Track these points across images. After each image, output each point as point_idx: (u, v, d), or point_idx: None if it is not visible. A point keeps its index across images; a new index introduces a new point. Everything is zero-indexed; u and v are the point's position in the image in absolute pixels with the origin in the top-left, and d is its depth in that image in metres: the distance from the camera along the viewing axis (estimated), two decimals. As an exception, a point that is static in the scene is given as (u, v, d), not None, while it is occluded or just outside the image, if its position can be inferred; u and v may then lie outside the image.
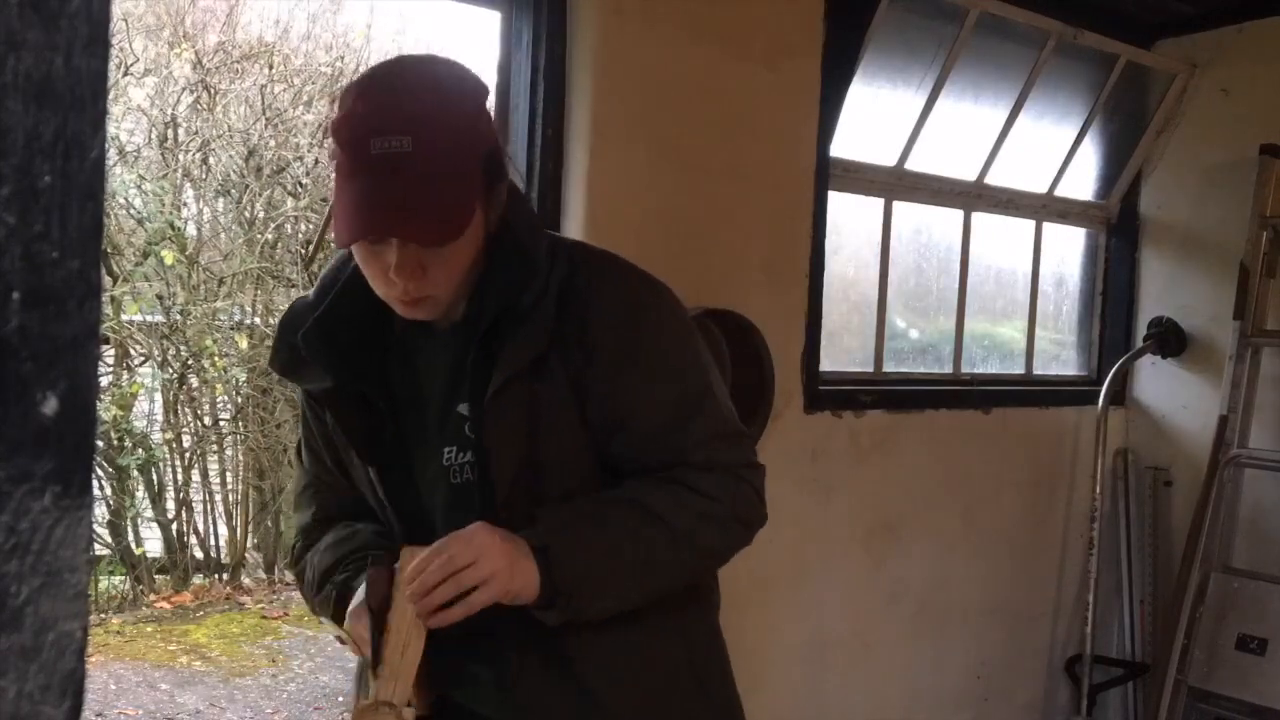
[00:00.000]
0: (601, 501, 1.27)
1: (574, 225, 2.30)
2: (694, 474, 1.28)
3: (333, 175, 1.21)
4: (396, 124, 1.14)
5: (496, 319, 1.24)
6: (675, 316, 1.34)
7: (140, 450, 5.71)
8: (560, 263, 1.28)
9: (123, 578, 5.79)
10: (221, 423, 6.25)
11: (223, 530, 6.15)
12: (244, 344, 5.96)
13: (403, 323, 1.30)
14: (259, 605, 5.81)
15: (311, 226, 6.39)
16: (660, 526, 1.24)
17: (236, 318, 6.07)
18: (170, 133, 6.00)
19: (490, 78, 2.32)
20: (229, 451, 6.28)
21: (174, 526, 5.99)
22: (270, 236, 6.27)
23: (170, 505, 6.00)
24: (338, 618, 1.32)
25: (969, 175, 3.33)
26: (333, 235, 1.21)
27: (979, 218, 3.42)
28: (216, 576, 6.03)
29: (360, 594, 1.24)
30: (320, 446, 1.41)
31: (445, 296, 1.24)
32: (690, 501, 1.27)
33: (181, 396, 5.97)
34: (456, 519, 1.26)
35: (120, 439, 5.65)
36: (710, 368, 1.35)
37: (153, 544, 5.95)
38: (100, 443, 5.44)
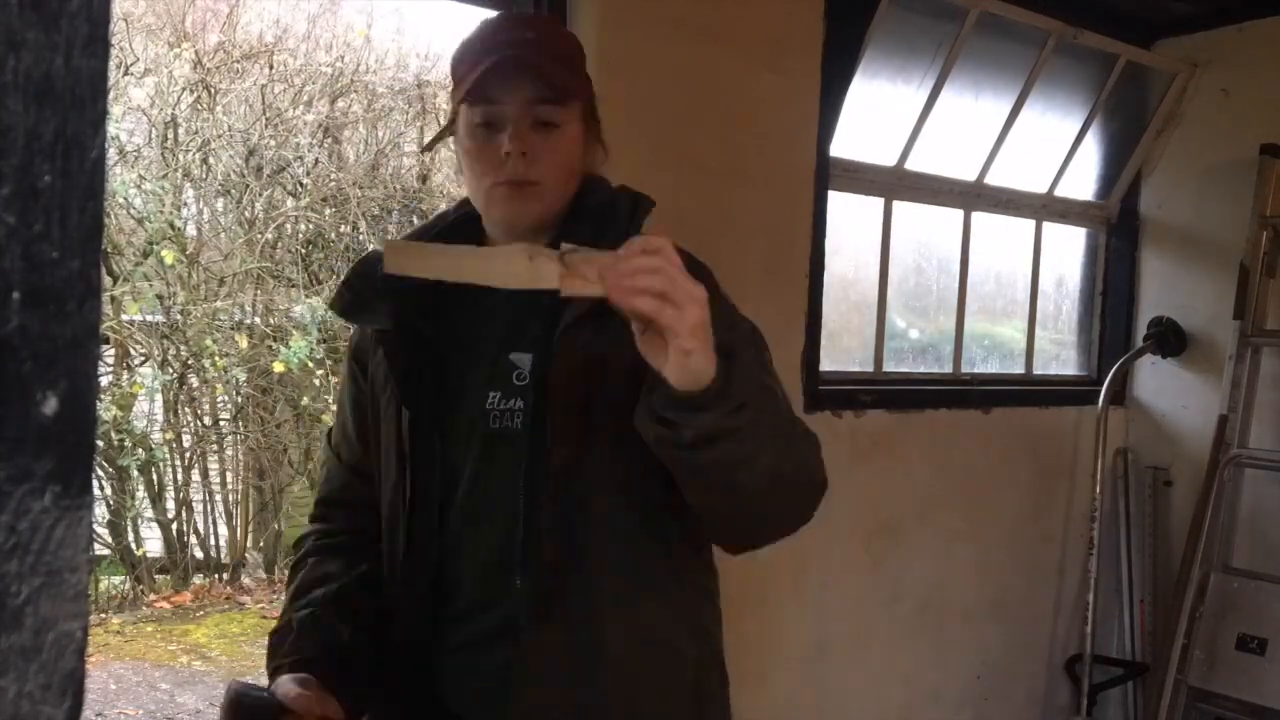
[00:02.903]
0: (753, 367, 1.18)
1: (574, 225, 2.30)
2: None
3: (456, 102, 1.28)
4: (522, 25, 1.35)
5: None
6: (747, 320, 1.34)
7: (140, 450, 5.71)
8: (641, 213, 1.33)
9: (123, 578, 5.79)
10: (221, 423, 6.25)
11: (223, 530, 6.15)
12: (244, 344, 5.96)
13: None
14: (259, 605, 5.81)
15: (311, 226, 6.40)
16: (779, 399, 1.20)
17: (236, 318, 6.07)
18: (170, 133, 6.00)
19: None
20: (229, 451, 6.28)
21: (174, 526, 5.99)
22: (270, 236, 6.27)
23: (170, 505, 6.00)
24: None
25: (969, 175, 3.33)
26: (453, 96, 1.29)
27: (979, 218, 3.42)
28: (216, 576, 6.04)
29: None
30: (349, 421, 1.41)
31: (549, 188, 1.27)
32: (794, 418, 1.22)
33: (181, 396, 5.97)
34: (487, 466, 1.26)
35: (120, 439, 5.65)
36: (765, 345, 1.34)
37: (153, 544, 5.95)
38: (100, 443, 5.44)
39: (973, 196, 3.37)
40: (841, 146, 2.89)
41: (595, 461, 1.23)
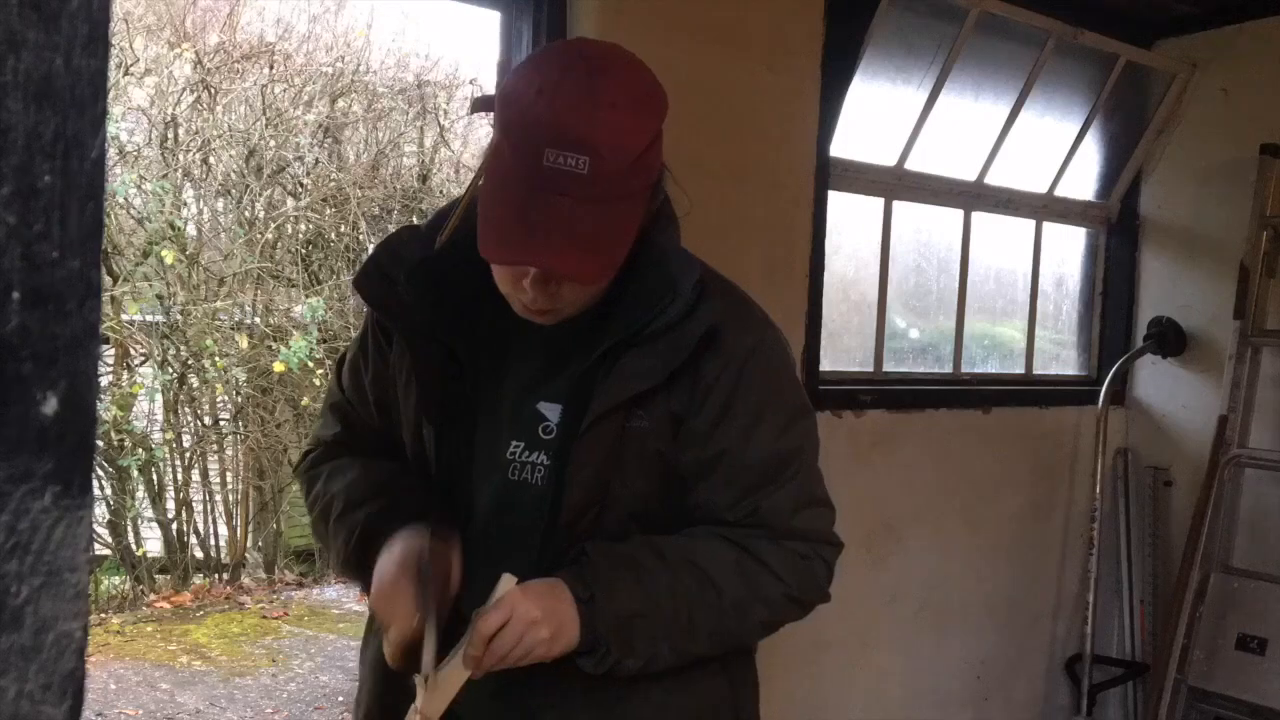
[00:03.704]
0: (659, 553, 1.20)
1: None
2: (766, 544, 1.22)
3: (488, 164, 1.12)
4: (578, 139, 1.04)
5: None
6: (789, 367, 1.29)
7: (140, 450, 5.71)
8: (709, 301, 1.19)
9: (123, 578, 5.79)
10: (221, 423, 6.25)
11: (223, 530, 6.15)
12: (244, 344, 5.97)
13: None
14: (259, 605, 5.81)
15: (311, 226, 6.40)
16: (713, 594, 1.19)
17: (236, 318, 6.07)
18: (170, 133, 6.00)
19: (490, 78, 2.32)
20: (229, 451, 6.28)
21: (174, 526, 5.99)
22: (270, 236, 6.27)
23: (170, 505, 6.00)
24: (359, 555, 1.23)
25: (969, 175, 3.33)
26: (478, 242, 1.09)
27: (979, 217, 3.42)
28: (216, 576, 6.04)
29: (394, 558, 1.16)
30: (367, 379, 1.33)
31: (571, 311, 1.18)
32: (753, 575, 1.21)
33: (181, 396, 5.97)
34: (499, 513, 1.23)
35: (120, 439, 5.65)
36: (811, 431, 1.29)
37: (153, 544, 5.95)
38: (100, 443, 5.44)
39: (973, 196, 3.37)
40: (841, 146, 2.88)
41: (613, 523, 1.22)
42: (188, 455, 6.03)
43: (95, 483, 0.55)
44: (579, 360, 1.20)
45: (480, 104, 1.15)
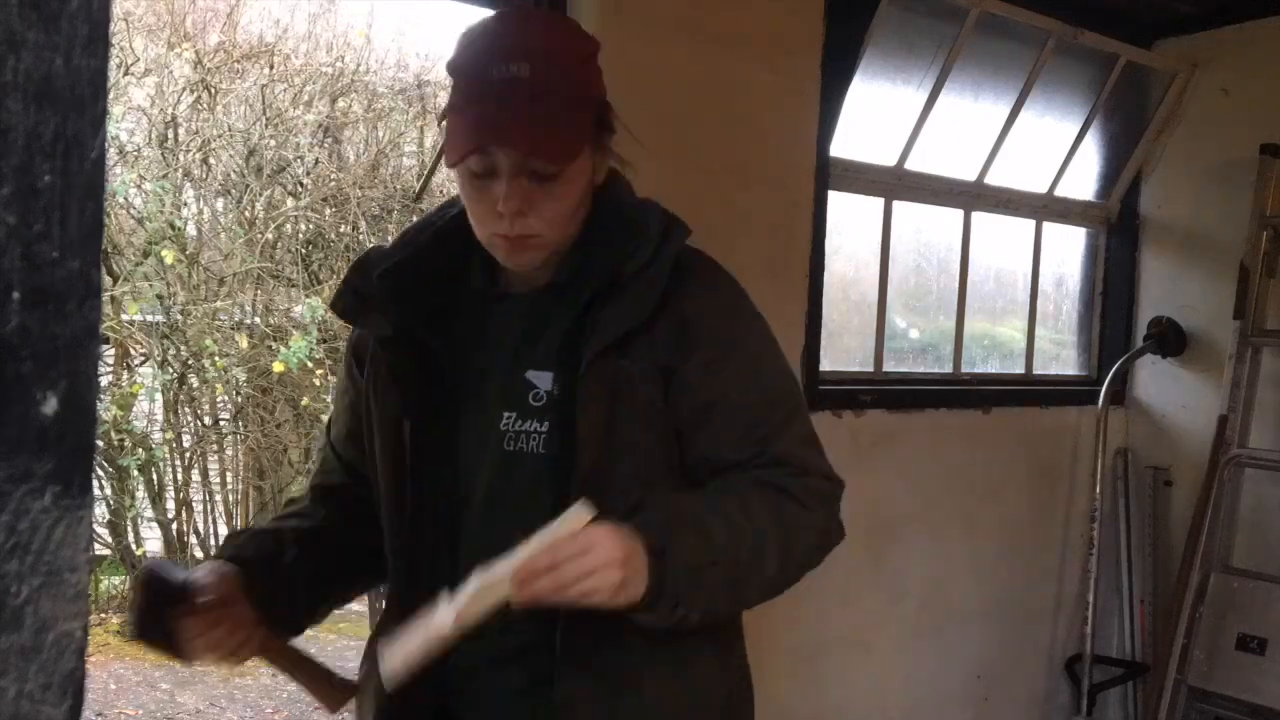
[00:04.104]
0: (712, 505, 1.20)
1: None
2: (794, 481, 1.24)
3: (447, 114, 1.21)
4: (516, 52, 1.18)
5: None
6: (768, 328, 1.33)
7: (140, 450, 5.71)
8: (675, 239, 1.25)
9: (123, 578, 5.79)
10: (221, 423, 6.25)
11: (223, 530, 6.14)
12: (244, 344, 5.96)
13: (479, 280, 1.29)
14: (259, 605, 5.80)
15: (311, 226, 6.40)
16: (764, 542, 1.20)
17: (236, 318, 6.06)
18: (170, 133, 6.00)
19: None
20: (229, 451, 6.28)
21: (174, 526, 5.99)
22: (270, 236, 6.26)
23: (170, 505, 6.00)
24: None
25: (969, 175, 3.33)
26: (445, 158, 1.20)
27: (979, 217, 3.42)
28: (217, 576, 6.02)
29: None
30: (345, 413, 1.38)
31: (550, 239, 1.22)
32: (791, 511, 1.23)
33: (181, 396, 5.97)
34: (505, 486, 1.23)
35: (120, 439, 5.65)
36: (798, 384, 1.33)
37: (153, 544, 5.95)
38: (100, 443, 5.44)
39: (973, 196, 3.37)
40: (841, 146, 2.89)
41: (618, 489, 1.19)
42: (188, 455, 6.03)
43: (95, 483, 0.55)
44: (558, 322, 1.23)
45: (443, 114, 1.23)
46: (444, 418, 1.26)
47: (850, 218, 3.08)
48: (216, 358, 5.88)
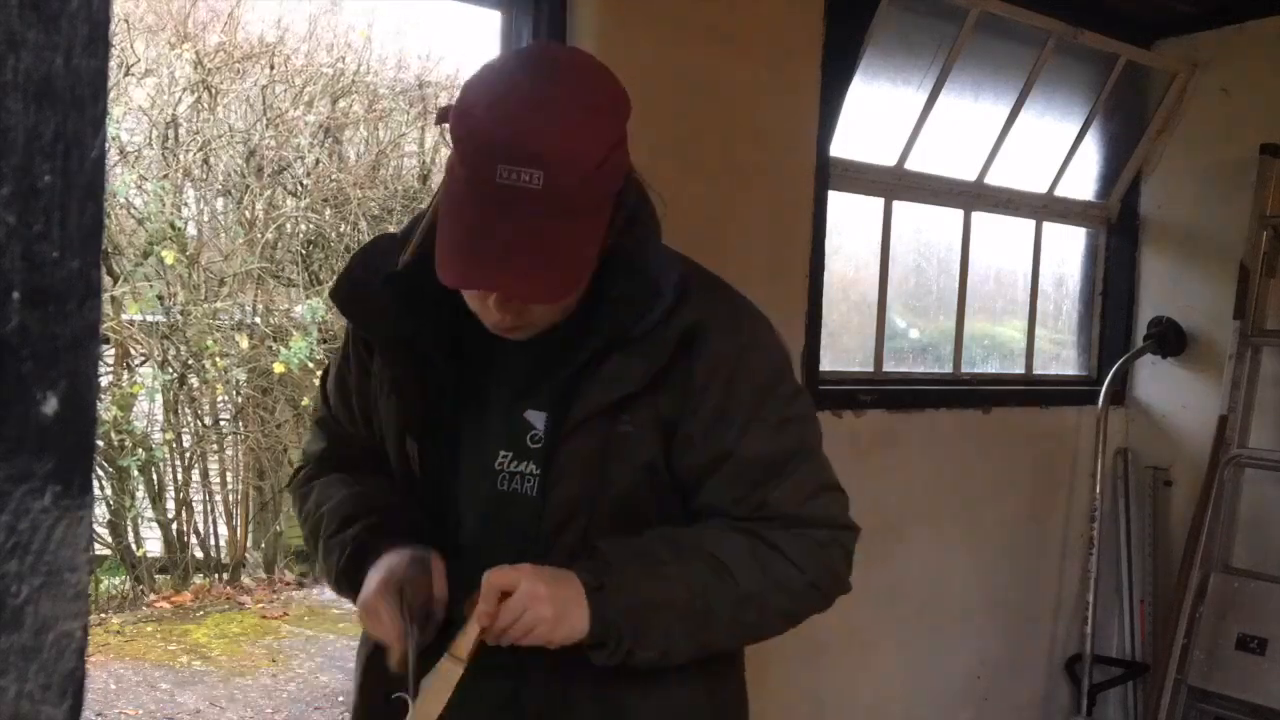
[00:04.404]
0: (671, 543, 1.18)
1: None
2: (781, 534, 1.20)
3: (445, 179, 1.10)
4: (529, 153, 1.01)
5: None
6: (781, 359, 1.27)
7: (140, 450, 5.71)
8: (692, 301, 1.18)
9: (123, 578, 5.79)
10: (221, 423, 6.25)
11: (223, 530, 6.15)
12: (244, 344, 5.96)
13: None
14: (259, 605, 5.81)
15: (311, 226, 6.40)
16: (729, 583, 1.16)
17: (236, 318, 6.07)
18: (170, 133, 6.00)
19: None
20: (229, 451, 6.28)
21: (174, 526, 5.99)
22: (270, 236, 6.27)
23: (170, 505, 6.00)
24: (347, 571, 1.23)
25: (969, 175, 3.33)
26: (436, 266, 1.06)
27: (979, 217, 3.42)
28: (216, 576, 6.04)
29: (377, 577, 1.16)
30: (351, 392, 1.33)
31: (543, 325, 1.17)
32: (770, 563, 1.18)
33: (181, 396, 5.97)
34: (490, 524, 1.22)
35: (120, 439, 5.65)
36: (810, 420, 1.27)
37: (153, 544, 5.95)
38: (100, 443, 5.44)
39: (973, 196, 3.37)
40: (841, 146, 2.89)
41: (599, 534, 1.19)
42: (188, 455, 6.04)
43: (95, 483, 0.55)
44: (563, 367, 1.18)
45: (443, 114, 1.11)
46: (446, 440, 1.24)
47: (850, 218, 3.08)
48: (217, 358, 5.88)
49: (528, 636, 1.10)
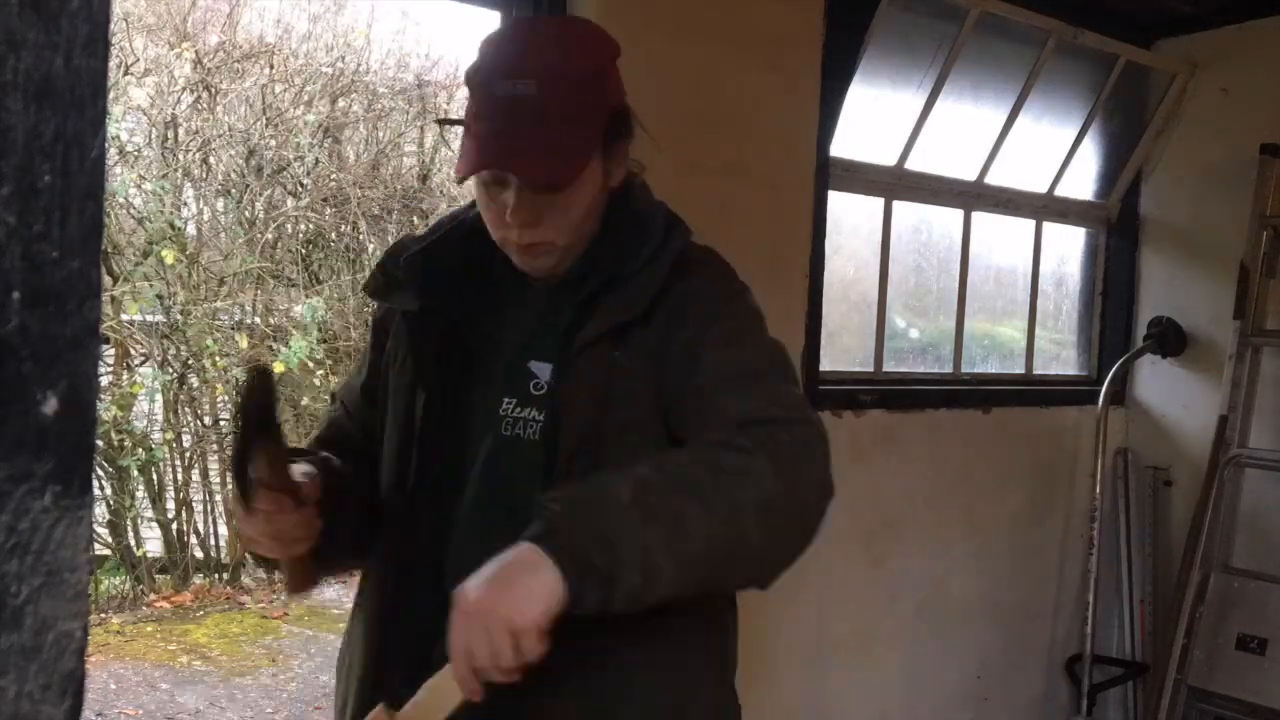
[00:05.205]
0: (617, 470, 1.11)
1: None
2: (728, 433, 1.13)
3: (464, 124, 1.24)
4: (524, 68, 1.19)
5: (599, 284, 1.24)
6: (749, 302, 1.31)
7: (140, 450, 5.71)
8: (677, 238, 1.28)
9: (123, 578, 5.79)
10: (221, 423, 6.25)
11: (223, 530, 6.14)
12: (244, 344, 5.97)
13: (502, 269, 1.31)
14: (259, 605, 5.81)
15: (311, 226, 6.40)
16: (684, 484, 1.08)
17: (236, 318, 6.07)
18: (170, 133, 6.00)
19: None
20: (229, 451, 6.27)
21: (174, 526, 5.99)
22: (270, 236, 6.27)
23: (170, 505, 6.00)
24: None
25: (969, 175, 3.33)
26: (455, 171, 1.24)
27: (979, 217, 3.42)
28: (216, 576, 6.04)
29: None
30: (365, 372, 1.41)
31: (561, 246, 1.25)
32: (710, 455, 1.11)
33: (181, 396, 5.97)
34: (496, 472, 1.25)
35: (120, 439, 5.65)
36: (789, 362, 1.27)
37: (153, 544, 5.95)
38: (100, 443, 5.44)
39: (973, 196, 3.37)
40: (841, 146, 2.89)
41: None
42: (188, 455, 6.03)
43: (95, 483, 0.55)
44: (563, 316, 1.26)
45: (444, 121, 1.27)
46: (456, 394, 1.29)
47: (850, 218, 3.08)
48: (216, 358, 5.88)
49: (512, 647, 1.01)
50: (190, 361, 5.94)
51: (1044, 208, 3.59)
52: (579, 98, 1.21)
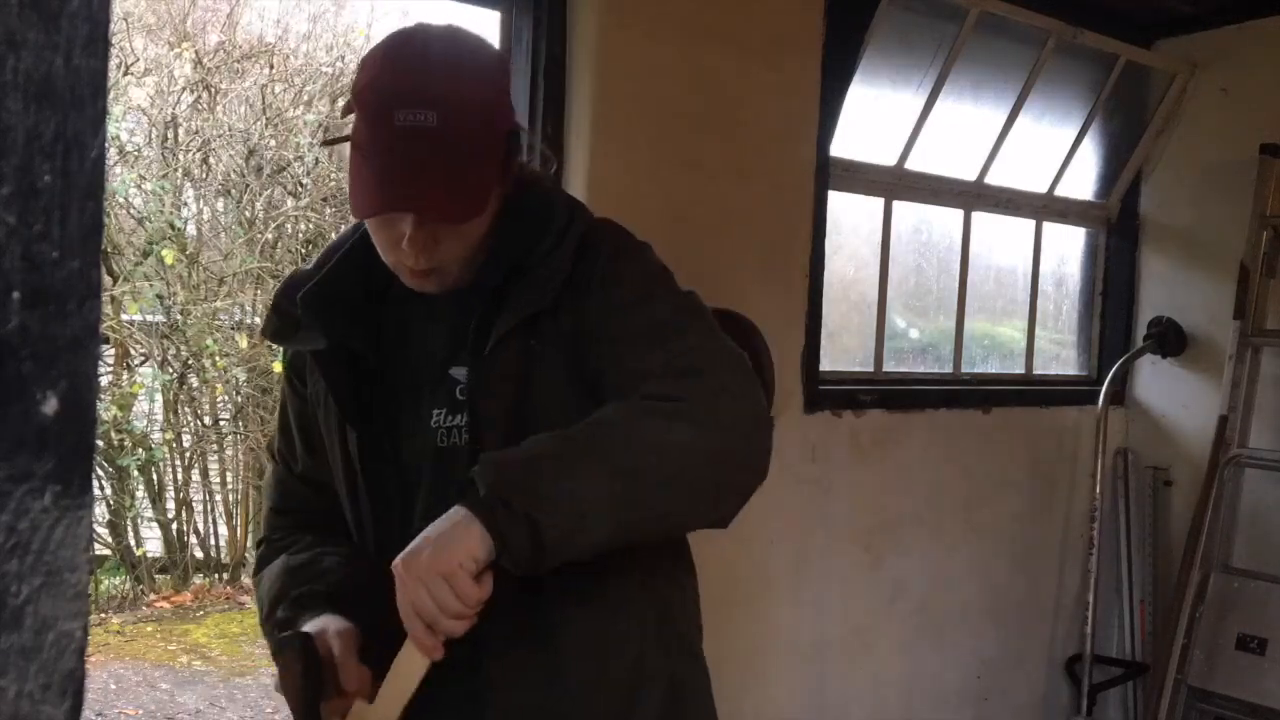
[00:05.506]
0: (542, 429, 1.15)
1: (574, 225, 2.30)
2: (651, 385, 1.15)
3: (350, 144, 1.19)
4: (423, 97, 1.14)
5: (505, 279, 1.22)
6: (651, 260, 1.29)
7: (140, 450, 5.71)
8: (578, 220, 1.26)
9: (123, 578, 5.79)
10: (221, 423, 6.25)
11: (223, 530, 6.15)
12: (244, 344, 5.97)
13: (401, 287, 1.28)
14: (259, 605, 5.80)
15: (311, 226, 6.40)
16: (606, 428, 1.11)
17: (236, 318, 6.07)
18: (170, 133, 6.00)
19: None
20: (229, 451, 6.28)
21: (174, 526, 5.99)
22: (270, 236, 6.27)
23: (170, 505, 6.00)
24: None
25: (969, 175, 3.34)
26: (350, 205, 1.19)
27: (979, 217, 3.42)
28: (216, 576, 6.04)
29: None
30: (294, 430, 1.39)
31: (454, 268, 1.23)
32: (634, 404, 1.13)
33: (181, 396, 5.97)
34: (441, 483, 1.23)
35: (120, 439, 5.65)
36: (701, 307, 1.25)
37: (153, 544, 5.95)
38: (100, 443, 5.44)
39: (973, 196, 3.37)
40: (841, 146, 2.89)
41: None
42: (188, 455, 6.04)
43: (95, 483, 0.55)
44: (473, 318, 1.24)
45: (348, 107, 1.21)
46: (386, 422, 1.28)
47: (850, 218, 3.08)
48: (216, 357, 5.88)
49: (454, 589, 1.05)
50: (190, 361, 5.94)
51: (1044, 208, 3.59)
52: (480, 129, 1.18)
